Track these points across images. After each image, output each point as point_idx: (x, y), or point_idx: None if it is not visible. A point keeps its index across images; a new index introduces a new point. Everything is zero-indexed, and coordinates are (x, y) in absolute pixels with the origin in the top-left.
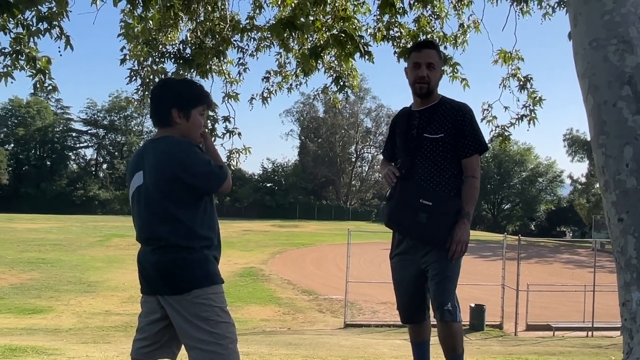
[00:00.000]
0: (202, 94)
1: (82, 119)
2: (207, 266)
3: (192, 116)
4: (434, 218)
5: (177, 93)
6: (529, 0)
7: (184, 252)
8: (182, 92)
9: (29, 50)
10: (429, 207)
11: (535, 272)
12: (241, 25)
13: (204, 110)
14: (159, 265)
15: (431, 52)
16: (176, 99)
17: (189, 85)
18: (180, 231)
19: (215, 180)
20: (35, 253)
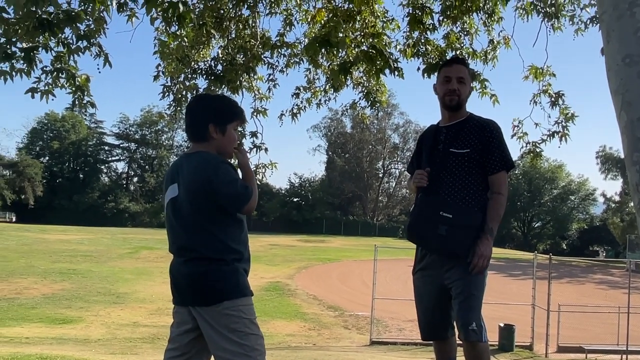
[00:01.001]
0: (237, 110)
1: (114, 133)
2: (237, 278)
3: (227, 131)
4: (454, 230)
5: (214, 108)
6: (560, 16)
7: (215, 264)
8: (219, 107)
9: (69, 68)
10: (449, 220)
11: (567, 292)
12: (271, 42)
13: (238, 126)
14: (191, 276)
15: (461, 67)
16: (213, 113)
17: (225, 100)
18: (212, 244)
19: (239, 201)
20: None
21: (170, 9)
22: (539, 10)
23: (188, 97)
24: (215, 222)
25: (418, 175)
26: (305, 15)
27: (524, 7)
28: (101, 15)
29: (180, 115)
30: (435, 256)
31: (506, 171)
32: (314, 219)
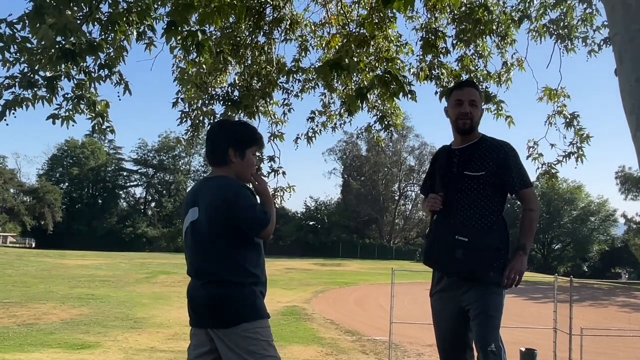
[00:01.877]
0: (256, 135)
1: (132, 158)
2: (254, 301)
3: (246, 156)
4: (470, 253)
5: (233, 132)
6: (573, 38)
7: (233, 287)
8: (238, 132)
9: (89, 95)
10: (464, 243)
11: (589, 315)
12: (287, 68)
13: (257, 151)
14: (209, 299)
15: (473, 91)
16: (233, 138)
17: (245, 126)
18: (230, 267)
19: (257, 226)
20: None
21: (189, 37)
22: (551, 33)
23: (205, 123)
24: (234, 245)
25: (432, 199)
26: (320, 41)
27: (537, 30)
28: (122, 44)
29: (197, 141)
30: (452, 278)
31: (528, 188)
32: (330, 243)
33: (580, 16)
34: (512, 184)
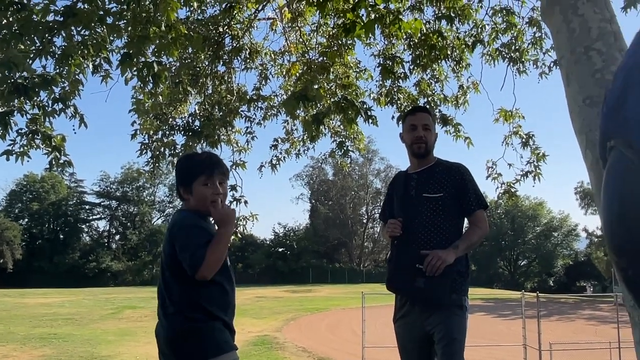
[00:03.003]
0: (200, 166)
1: (95, 191)
2: (214, 335)
3: (194, 190)
4: (432, 281)
5: (178, 170)
6: (524, 61)
7: (190, 322)
8: (181, 168)
9: (44, 130)
10: (424, 271)
11: (558, 330)
12: (248, 96)
13: (209, 179)
14: (168, 337)
15: (425, 115)
16: (178, 176)
17: (188, 159)
18: (186, 302)
19: (189, 268)
20: (47, 328)
21: (145, 68)
22: (504, 56)
23: (166, 154)
24: (186, 282)
25: (391, 225)
26: (281, 69)
27: (490, 54)
28: (77, 77)
29: (159, 172)
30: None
31: (483, 209)
32: (300, 269)
33: (531, 40)
34: (469, 204)
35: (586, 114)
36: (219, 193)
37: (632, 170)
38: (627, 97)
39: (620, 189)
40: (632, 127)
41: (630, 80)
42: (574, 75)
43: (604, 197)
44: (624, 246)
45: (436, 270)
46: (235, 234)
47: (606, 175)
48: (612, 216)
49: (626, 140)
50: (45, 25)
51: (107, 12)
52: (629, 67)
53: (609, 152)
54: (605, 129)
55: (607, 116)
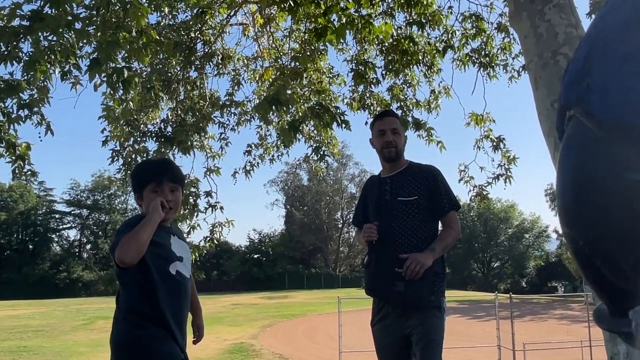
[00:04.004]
0: (148, 173)
1: (65, 200)
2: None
3: (145, 196)
4: (411, 284)
5: (132, 179)
6: (494, 65)
7: (132, 328)
8: (133, 176)
9: (8, 137)
10: (403, 275)
11: (531, 330)
12: (221, 102)
13: (159, 186)
14: (113, 343)
15: (393, 119)
16: (132, 184)
17: (138, 168)
18: (128, 308)
19: (111, 254)
20: (16, 341)
21: (115, 74)
22: (474, 61)
23: (138, 161)
24: (129, 286)
25: (367, 229)
26: (254, 74)
27: (460, 59)
28: (44, 84)
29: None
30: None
31: (455, 211)
32: (276, 275)
33: (500, 45)
34: (442, 205)
35: (554, 116)
36: (169, 201)
37: (590, 139)
38: (591, 66)
39: (577, 158)
40: (594, 96)
41: (594, 50)
42: (542, 79)
43: (559, 167)
44: (577, 217)
45: (416, 274)
46: (212, 241)
47: (563, 144)
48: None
49: (586, 109)
50: (11, 30)
51: (75, 17)
52: (594, 37)
53: (567, 122)
54: (566, 98)
55: (569, 85)
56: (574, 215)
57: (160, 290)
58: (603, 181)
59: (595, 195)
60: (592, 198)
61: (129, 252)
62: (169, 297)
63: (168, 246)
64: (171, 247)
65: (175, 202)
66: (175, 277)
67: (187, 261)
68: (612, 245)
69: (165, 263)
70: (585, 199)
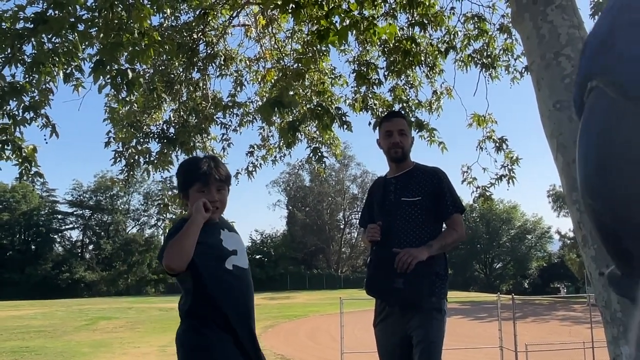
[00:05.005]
0: (194, 173)
1: (67, 200)
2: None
3: (190, 196)
4: (411, 282)
5: (176, 176)
6: (496, 66)
7: (183, 331)
8: (178, 176)
9: (14, 139)
10: (403, 273)
11: (533, 331)
12: (223, 103)
13: (205, 186)
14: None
15: (400, 120)
16: (177, 184)
17: (183, 168)
18: (182, 306)
19: (160, 258)
20: (18, 341)
21: (119, 75)
22: (476, 62)
23: (141, 162)
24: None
25: (371, 229)
26: (256, 75)
27: (463, 60)
28: (47, 86)
29: (133, 180)
30: (395, 307)
31: (460, 213)
32: (278, 275)
33: (502, 46)
34: (446, 207)
35: (556, 118)
36: (215, 201)
37: (614, 109)
38: (615, 38)
39: (601, 127)
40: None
41: (619, 21)
42: (544, 80)
43: (581, 139)
44: (601, 189)
45: (407, 266)
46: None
47: (585, 115)
48: (589, 157)
49: (611, 79)
50: (15, 32)
51: (78, 19)
52: (617, 9)
53: (588, 94)
54: (588, 69)
55: (591, 58)
56: (598, 186)
57: (217, 291)
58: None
59: (621, 164)
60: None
61: (174, 259)
62: (230, 295)
63: (219, 243)
64: (222, 243)
65: (222, 201)
66: (233, 272)
67: (242, 252)
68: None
69: (218, 262)
70: (610, 168)
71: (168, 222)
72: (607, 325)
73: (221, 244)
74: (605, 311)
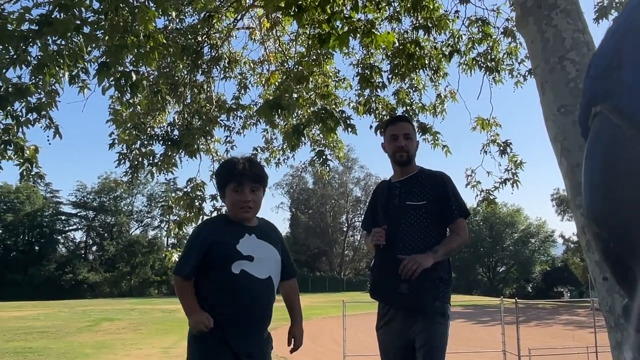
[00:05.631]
0: (229, 173)
1: (71, 201)
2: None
3: (226, 195)
4: (415, 287)
5: (215, 178)
6: (500, 70)
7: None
8: (216, 176)
9: (17, 140)
10: (408, 278)
11: (536, 335)
12: (227, 105)
13: (239, 186)
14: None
15: (406, 124)
16: (216, 183)
17: (220, 167)
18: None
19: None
20: (21, 342)
21: (123, 77)
22: (480, 65)
23: (145, 164)
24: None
25: (376, 233)
26: (260, 78)
27: (467, 63)
28: (52, 87)
29: (137, 182)
30: (399, 311)
31: (464, 218)
32: None
33: (506, 50)
34: (451, 211)
35: (561, 122)
36: (247, 200)
37: (618, 136)
38: (621, 61)
39: (605, 155)
40: (624, 91)
41: (624, 44)
42: (548, 84)
43: (586, 165)
44: (606, 216)
45: (412, 273)
46: None
47: (589, 142)
48: (594, 184)
49: (615, 105)
50: (20, 34)
51: (84, 22)
52: (622, 31)
53: (592, 119)
54: (592, 93)
55: (595, 79)
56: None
57: (214, 290)
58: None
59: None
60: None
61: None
62: (227, 298)
63: (233, 245)
64: (237, 245)
65: (255, 201)
66: (238, 277)
67: (262, 261)
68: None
69: (225, 262)
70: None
71: (172, 224)
72: (611, 330)
73: (235, 246)
74: (609, 316)
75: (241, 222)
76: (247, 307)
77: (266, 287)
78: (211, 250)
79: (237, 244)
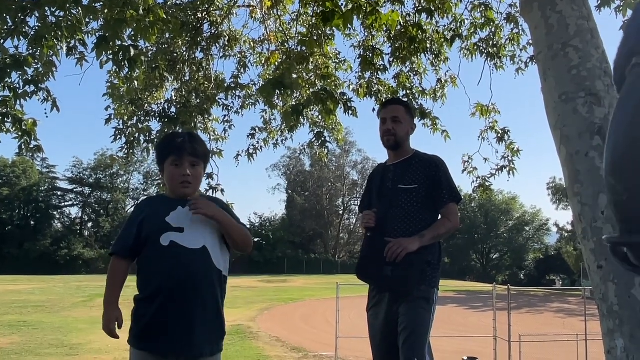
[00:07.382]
0: (167, 145)
1: (67, 177)
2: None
3: (165, 169)
4: (398, 269)
5: (155, 151)
6: (501, 56)
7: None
8: (155, 149)
9: (15, 113)
10: (392, 261)
11: (527, 322)
12: (226, 84)
13: (179, 160)
14: None
15: (396, 107)
16: (155, 156)
17: (160, 141)
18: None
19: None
20: (16, 316)
21: (121, 52)
22: (482, 51)
23: (141, 140)
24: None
25: (366, 216)
26: (260, 57)
27: (468, 48)
28: (50, 59)
29: (133, 158)
30: (385, 293)
31: (456, 203)
32: (276, 259)
33: (508, 36)
34: (442, 196)
35: (562, 109)
36: (187, 175)
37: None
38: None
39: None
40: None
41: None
42: (551, 71)
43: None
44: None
45: (396, 256)
46: None
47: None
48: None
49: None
50: (19, 5)
51: None
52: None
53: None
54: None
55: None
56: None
57: (147, 263)
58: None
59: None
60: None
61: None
62: (158, 269)
63: (162, 218)
64: (167, 218)
65: (195, 176)
66: (167, 248)
67: (194, 231)
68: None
69: (155, 235)
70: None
71: None
72: (604, 318)
73: (164, 219)
74: (602, 304)
75: (179, 199)
76: (176, 276)
77: (199, 256)
78: (143, 227)
79: (167, 216)
